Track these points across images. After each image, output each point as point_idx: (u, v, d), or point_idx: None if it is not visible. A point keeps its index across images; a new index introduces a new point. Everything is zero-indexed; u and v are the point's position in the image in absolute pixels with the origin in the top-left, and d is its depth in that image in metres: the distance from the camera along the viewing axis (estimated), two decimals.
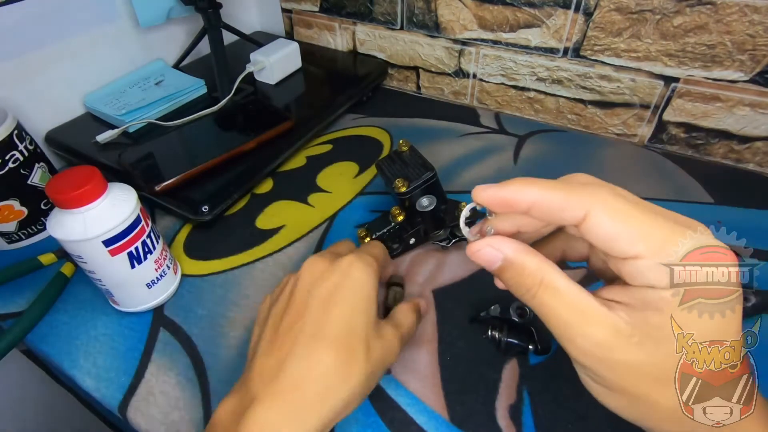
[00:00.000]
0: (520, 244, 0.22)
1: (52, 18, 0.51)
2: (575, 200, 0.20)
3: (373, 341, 0.27)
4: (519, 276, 0.22)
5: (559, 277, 0.21)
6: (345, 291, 0.27)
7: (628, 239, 0.19)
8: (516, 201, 0.21)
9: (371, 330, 0.27)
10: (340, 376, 0.25)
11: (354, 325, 0.26)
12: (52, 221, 0.32)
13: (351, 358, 0.25)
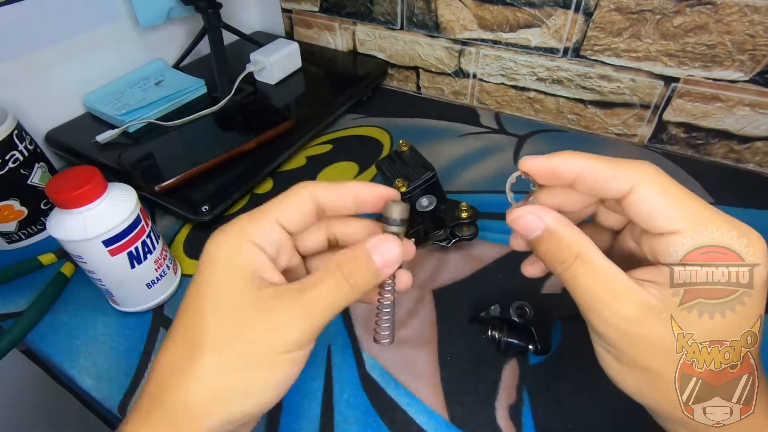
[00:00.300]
0: (562, 216, 0.22)
1: (52, 18, 0.51)
2: (624, 172, 0.20)
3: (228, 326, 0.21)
4: (556, 247, 0.22)
5: (596, 252, 0.21)
6: (196, 275, 0.22)
7: (669, 215, 0.20)
8: (563, 170, 0.22)
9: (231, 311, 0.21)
10: (177, 370, 0.20)
11: (199, 309, 0.21)
12: (52, 221, 0.32)
13: (191, 350, 0.20)
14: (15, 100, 0.50)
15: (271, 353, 0.20)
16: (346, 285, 0.22)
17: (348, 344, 0.36)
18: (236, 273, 0.21)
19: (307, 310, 0.21)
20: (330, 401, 0.32)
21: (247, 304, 0.21)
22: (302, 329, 0.21)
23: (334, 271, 0.22)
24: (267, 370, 0.21)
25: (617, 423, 0.30)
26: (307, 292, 0.21)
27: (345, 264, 0.22)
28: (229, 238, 0.22)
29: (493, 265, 0.41)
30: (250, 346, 0.20)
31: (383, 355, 0.35)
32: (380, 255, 0.22)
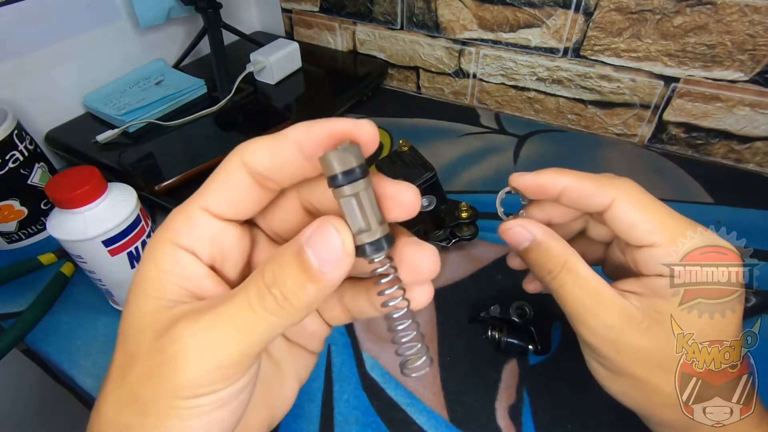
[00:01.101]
0: (548, 229, 0.24)
1: (52, 18, 0.51)
2: (603, 188, 0.22)
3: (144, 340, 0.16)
4: (543, 258, 0.23)
5: (580, 263, 0.22)
6: None
7: (646, 228, 0.21)
8: (549, 186, 0.23)
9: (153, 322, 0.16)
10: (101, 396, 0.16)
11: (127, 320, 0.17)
12: (52, 221, 0.32)
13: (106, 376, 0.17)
14: (15, 100, 0.50)
15: (162, 400, 0.15)
16: (267, 297, 0.15)
17: (348, 344, 0.36)
18: (143, 285, 0.16)
19: (207, 337, 0.15)
20: (330, 401, 0.32)
21: (145, 328, 0.16)
22: (200, 364, 0.14)
23: (254, 278, 0.15)
24: (161, 419, 0.15)
25: (617, 423, 0.30)
26: (210, 311, 0.15)
27: (269, 266, 0.15)
28: (153, 239, 0.17)
29: (493, 265, 0.41)
30: (140, 384, 0.15)
31: (383, 355, 0.35)
32: (316, 250, 0.14)
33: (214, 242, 0.17)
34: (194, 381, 0.15)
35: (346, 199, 0.15)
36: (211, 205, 0.16)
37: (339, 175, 0.14)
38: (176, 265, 0.16)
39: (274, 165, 0.16)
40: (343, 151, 0.14)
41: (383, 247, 0.15)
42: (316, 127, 0.15)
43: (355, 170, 0.14)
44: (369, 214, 0.15)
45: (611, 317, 0.21)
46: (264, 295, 0.15)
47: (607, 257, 0.26)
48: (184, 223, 0.16)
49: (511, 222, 0.24)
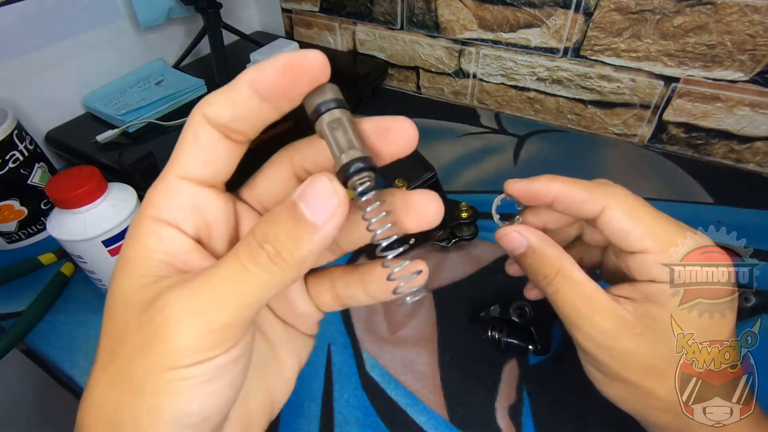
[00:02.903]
0: (544, 234, 0.24)
1: (52, 18, 0.51)
2: (594, 195, 0.22)
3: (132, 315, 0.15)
4: (538, 263, 0.23)
5: (575, 269, 0.23)
6: None
7: (637, 234, 0.21)
8: (542, 193, 0.23)
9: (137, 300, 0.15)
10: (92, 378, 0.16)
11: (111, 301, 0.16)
12: (52, 221, 0.32)
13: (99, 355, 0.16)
14: (15, 100, 0.50)
15: (152, 374, 0.14)
16: (261, 255, 0.14)
17: (348, 344, 0.36)
18: (128, 265, 0.16)
19: (195, 301, 0.14)
20: (330, 401, 0.32)
21: (131, 306, 0.15)
22: (190, 330, 0.14)
23: (245, 240, 0.15)
24: (152, 396, 0.14)
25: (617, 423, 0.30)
26: (198, 276, 0.14)
27: (260, 225, 0.15)
28: (137, 219, 0.16)
29: (493, 265, 0.41)
30: (128, 362, 0.14)
31: (383, 355, 0.35)
32: (309, 202, 0.14)
33: (196, 211, 0.16)
34: (185, 346, 0.14)
35: (327, 126, 0.15)
36: (186, 169, 0.16)
37: (317, 105, 0.15)
38: (160, 241, 0.15)
39: (236, 113, 0.15)
40: (319, 87, 0.15)
41: (366, 166, 0.15)
42: (265, 65, 0.15)
43: (330, 101, 0.15)
44: (351, 139, 0.15)
45: (605, 322, 0.21)
46: (256, 252, 0.14)
47: (603, 262, 0.27)
48: (162, 196, 0.16)
49: (507, 228, 0.24)
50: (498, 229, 0.25)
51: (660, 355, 0.21)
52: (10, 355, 0.37)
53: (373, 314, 0.37)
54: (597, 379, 0.24)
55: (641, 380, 0.21)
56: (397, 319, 0.37)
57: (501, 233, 0.25)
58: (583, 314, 0.22)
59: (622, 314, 0.21)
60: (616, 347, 0.21)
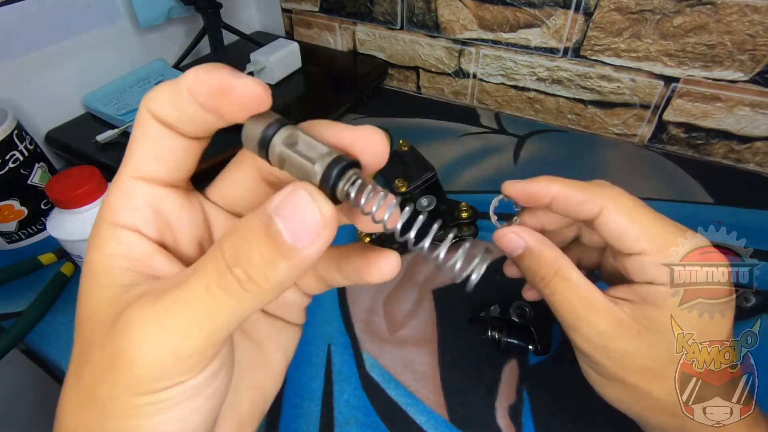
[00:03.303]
0: (541, 236, 0.24)
1: (52, 18, 0.51)
2: (592, 196, 0.22)
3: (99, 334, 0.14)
4: (536, 264, 0.23)
5: (573, 270, 0.23)
6: None
7: (634, 236, 0.21)
8: (540, 194, 0.23)
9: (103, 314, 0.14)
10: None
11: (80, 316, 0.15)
12: (52, 221, 0.32)
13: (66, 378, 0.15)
14: (15, 100, 0.50)
15: (120, 397, 0.13)
16: (229, 278, 0.12)
17: (348, 344, 0.36)
18: (92, 274, 0.14)
19: (161, 326, 0.13)
20: (330, 401, 0.32)
21: (99, 323, 0.14)
22: (156, 357, 0.13)
23: (212, 255, 0.13)
24: (123, 418, 0.13)
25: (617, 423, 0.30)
26: (164, 296, 0.13)
27: (229, 240, 0.13)
28: (96, 224, 0.15)
29: (493, 265, 0.41)
30: (93, 384, 0.13)
31: (383, 355, 0.35)
32: (288, 220, 0.12)
33: (156, 213, 0.15)
34: (150, 375, 0.13)
35: (284, 146, 0.13)
36: (139, 168, 0.14)
37: (260, 135, 0.13)
38: (120, 246, 0.14)
39: (180, 115, 0.14)
40: (253, 118, 0.14)
41: (347, 163, 0.13)
42: (200, 75, 0.13)
43: (272, 123, 0.13)
44: (316, 145, 0.13)
45: (602, 323, 0.21)
46: (224, 276, 0.12)
47: (602, 263, 0.27)
48: (118, 199, 0.14)
49: (505, 229, 0.25)
50: (496, 230, 0.25)
51: (657, 356, 0.21)
52: (10, 355, 0.37)
53: (373, 314, 0.38)
54: (594, 380, 0.24)
55: (639, 381, 0.21)
56: (397, 319, 0.37)
57: (499, 234, 0.25)
58: (581, 316, 0.22)
59: (619, 315, 0.21)
60: (613, 348, 0.21)
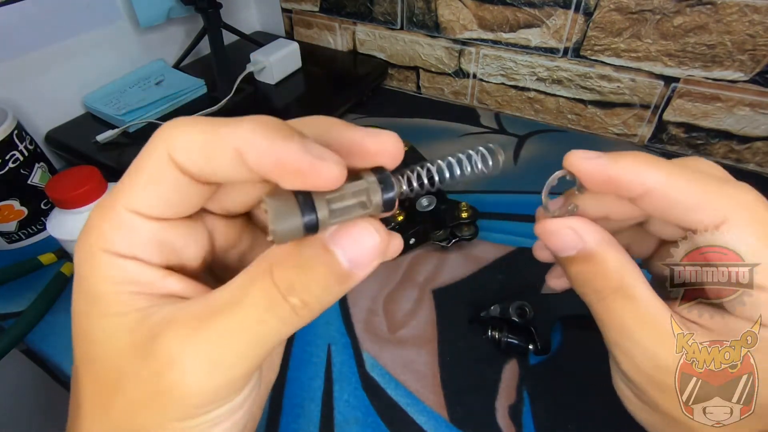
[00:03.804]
0: (607, 235, 0.18)
1: (52, 18, 0.51)
2: (714, 202, 0.15)
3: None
4: (593, 273, 0.17)
5: (641, 285, 0.17)
6: None
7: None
8: (628, 182, 0.16)
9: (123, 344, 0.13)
10: None
11: (76, 358, 0.14)
12: (52, 221, 0.32)
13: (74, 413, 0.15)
14: (15, 100, 0.50)
15: (163, 422, 0.13)
16: (284, 308, 0.12)
17: (348, 344, 0.36)
18: (98, 304, 0.13)
19: (211, 358, 0.12)
20: (330, 401, 0.32)
21: (124, 352, 0.13)
22: (208, 388, 0.13)
23: (261, 283, 0.13)
24: None
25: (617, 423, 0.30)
26: (211, 324, 0.13)
27: (283, 271, 0.13)
28: (80, 248, 0.14)
29: (493, 265, 0.41)
30: (130, 414, 0.13)
31: (383, 355, 0.35)
32: (347, 249, 0.13)
33: (160, 244, 0.14)
34: (201, 402, 0.13)
35: (333, 221, 0.13)
36: (141, 206, 0.13)
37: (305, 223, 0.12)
38: (126, 274, 0.13)
39: (210, 170, 0.12)
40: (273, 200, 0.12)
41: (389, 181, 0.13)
42: (264, 144, 0.11)
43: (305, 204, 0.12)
44: (354, 197, 0.13)
45: (667, 356, 0.16)
46: (278, 305, 0.12)
47: (657, 255, 0.21)
48: (114, 230, 0.13)
49: (557, 222, 0.18)
50: (542, 219, 0.19)
51: None
52: (10, 355, 0.36)
53: (373, 314, 0.38)
54: (630, 402, 0.20)
55: (691, 421, 0.17)
56: (397, 319, 0.37)
57: (546, 228, 0.18)
58: (640, 342, 0.17)
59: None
60: (674, 387, 0.17)
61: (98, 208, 0.14)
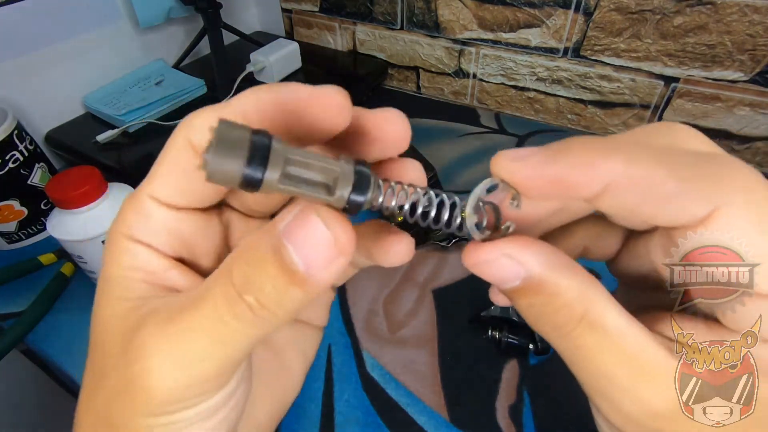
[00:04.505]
0: (555, 252, 0.13)
1: (52, 18, 0.51)
2: (697, 184, 0.11)
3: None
4: (548, 305, 0.13)
5: (610, 309, 0.13)
6: None
7: None
8: (578, 183, 0.12)
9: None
10: None
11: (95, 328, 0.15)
12: (52, 221, 0.32)
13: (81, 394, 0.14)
14: (15, 100, 0.50)
15: (135, 420, 0.13)
16: (240, 306, 0.12)
17: (348, 344, 0.36)
18: (108, 285, 0.14)
19: (175, 353, 0.12)
20: (330, 401, 0.32)
21: (115, 337, 0.13)
22: (171, 383, 0.12)
23: (222, 280, 0.12)
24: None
25: None
26: (177, 320, 0.12)
27: (239, 267, 0.12)
28: (109, 232, 0.14)
29: None
30: (108, 404, 0.13)
31: (383, 355, 0.35)
32: (300, 247, 0.11)
33: (172, 234, 0.14)
34: (166, 399, 0.12)
35: (282, 186, 0.11)
36: (159, 193, 0.13)
37: (244, 172, 0.10)
38: (136, 260, 0.14)
39: None
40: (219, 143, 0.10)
41: (367, 179, 0.11)
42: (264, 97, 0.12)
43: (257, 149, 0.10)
44: (319, 172, 0.11)
45: (660, 399, 0.13)
46: (235, 303, 0.12)
47: (628, 254, 0.17)
48: (134, 216, 0.14)
49: (490, 249, 0.13)
50: (470, 246, 0.14)
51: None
52: (10, 355, 0.37)
53: (373, 314, 0.38)
54: None
55: None
56: (398, 319, 0.37)
57: (474, 259, 0.14)
58: (624, 387, 0.13)
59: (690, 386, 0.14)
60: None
61: (129, 196, 0.14)
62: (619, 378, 0.13)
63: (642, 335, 0.13)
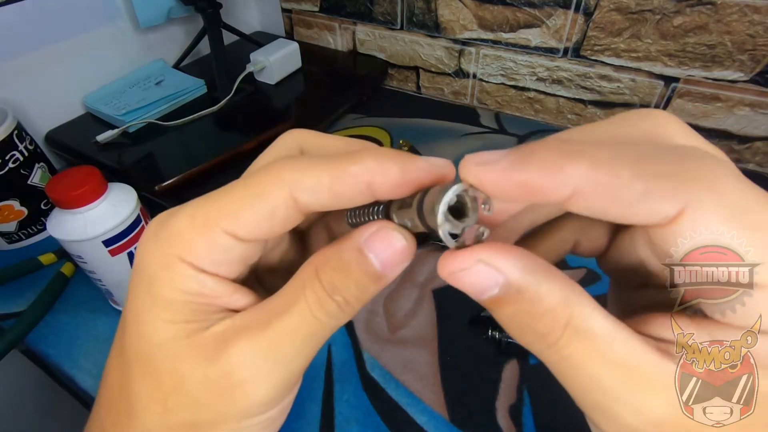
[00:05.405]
0: (533, 257, 0.13)
1: (52, 18, 0.51)
2: (666, 182, 0.11)
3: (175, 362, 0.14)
4: (529, 314, 0.13)
5: (596, 314, 0.13)
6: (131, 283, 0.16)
7: (757, 258, 0.12)
8: (544, 188, 0.12)
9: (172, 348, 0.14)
10: None
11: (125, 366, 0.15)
12: (52, 221, 0.32)
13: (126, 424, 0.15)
14: (15, 100, 0.50)
15: (229, 423, 0.14)
16: (331, 305, 0.14)
17: (348, 344, 0.36)
18: (166, 310, 0.14)
19: (274, 355, 0.14)
20: (330, 401, 0.32)
21: (185, 356, 0.14)
22: (271, 384, 0.14)
23: (310, 285, 0.14)
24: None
25: None
26: (271, 326, 0.14)
27: (325, 271, 0.14)
28: (159, 253, 0.14)
29: None
30: (193, 411, 0.14)
31: (383, 355, 0.35)
32: (378, 252, 0.14)
33: (244, 262, 0.15)
34: (264, 402, 0.14)
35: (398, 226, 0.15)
36: (240, 231, 0.14)
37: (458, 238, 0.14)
38: (203, 287, 0.14)
39: (334, 203, 0.14)
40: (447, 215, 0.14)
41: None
42: (392, 170, 0.14)
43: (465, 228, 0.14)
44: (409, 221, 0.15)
45: (658, 407, 0.13)
46: (326, 303, 0.14)
47: (615, 248, 0.17)
48: (206, 248, 0.14)
49: (464, 256, 0.13)
50: (445, 254, 0.14)
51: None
52: (10, 356, 0.37)
53: (373, 314, 0.38)
54: None
55: None
56: (398, 319, 0.37)
57: (454, 266, 0.13)
58: (617, 395, 0.12)
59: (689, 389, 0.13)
60: None
61: (192, 221, 0.14)
62: (613, 388, 0.12)
63: (631, 339, 0.13)
